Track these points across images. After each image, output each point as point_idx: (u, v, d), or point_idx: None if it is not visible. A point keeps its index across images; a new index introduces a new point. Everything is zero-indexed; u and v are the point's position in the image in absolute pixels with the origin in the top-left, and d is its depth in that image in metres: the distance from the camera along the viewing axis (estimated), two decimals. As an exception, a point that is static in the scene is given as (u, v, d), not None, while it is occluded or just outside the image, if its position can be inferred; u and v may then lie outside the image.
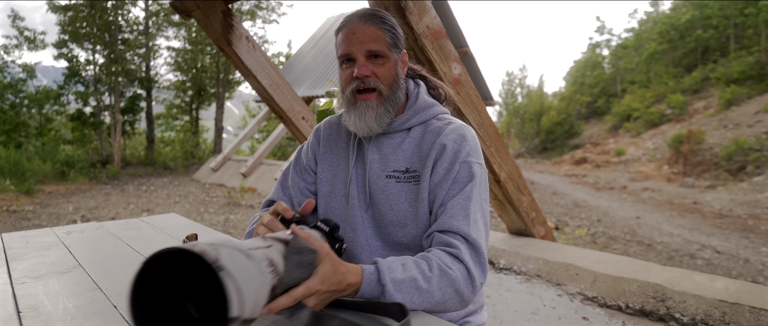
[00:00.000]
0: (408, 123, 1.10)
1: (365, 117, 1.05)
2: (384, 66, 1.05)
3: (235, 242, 0.57)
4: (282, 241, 0.69)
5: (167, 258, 0.52)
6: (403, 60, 1.11)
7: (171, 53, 20.28)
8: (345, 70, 1.07)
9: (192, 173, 14.53)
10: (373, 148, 1.11)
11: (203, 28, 2.85)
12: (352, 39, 1.03)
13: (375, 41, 1.03)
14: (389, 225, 1.07)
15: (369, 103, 1.05)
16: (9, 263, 1.23)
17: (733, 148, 15.21)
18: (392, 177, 1.07)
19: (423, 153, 1.06)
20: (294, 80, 12.77)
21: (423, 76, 1.23)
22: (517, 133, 39.11)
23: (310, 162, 1.23)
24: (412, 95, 1.13)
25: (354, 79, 1.04)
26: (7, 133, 15.28)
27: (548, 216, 7.81)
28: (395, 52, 1.07)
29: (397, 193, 1.06)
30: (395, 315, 0.80)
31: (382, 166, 1.09)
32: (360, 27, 1.03)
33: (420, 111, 1.11)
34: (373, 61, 1.04)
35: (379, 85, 1.05)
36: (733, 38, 27.80)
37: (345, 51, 1.04)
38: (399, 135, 1.11)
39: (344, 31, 1.05)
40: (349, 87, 1.06)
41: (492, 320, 2.50)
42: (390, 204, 1.07)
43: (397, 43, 1.08)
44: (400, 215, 1.06)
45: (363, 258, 1.10)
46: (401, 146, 1.09)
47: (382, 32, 1.04)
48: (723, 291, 2.03)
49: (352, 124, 1.07)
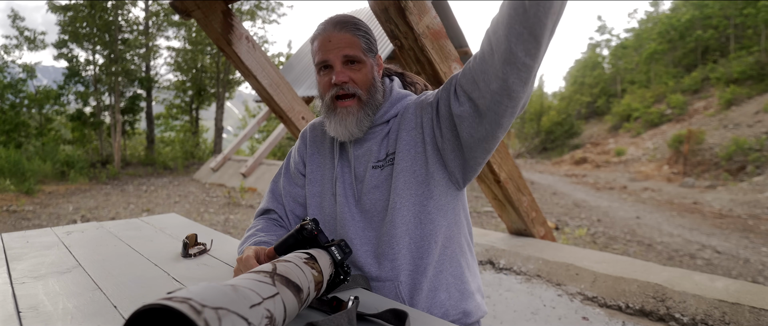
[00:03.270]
0: (386, 115, 1.13)
1: (346, 122, 1.08)
2: (361, 71, 1.08)
3: (240, 297, 0.57)
4: (291, 285, 0.70)
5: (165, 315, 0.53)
6: (378, 63, 1.16)
7: (171, 53, 20.27)
8: (323, 77, 1.10)
9: (192, 173, 14.53)
10: (356, 145, 1.15)
11: (203, 28, 2.85)
12: (328, 46, 1.07)
13: (351, 47, 1.07)
14: (380, 212, 1.10)
15: (350, 109, 1.08)
16: (9, 263, 1.23)
17: (733, 148, 15.21)
18: (377, 167, 1.11)
19: (393, 134, 1.11)
20: (294, 80, 12.77)
21: (400, 73, 1.27)
22: (517, 132, 39.10)
23: (298, 165, 1.26)
24: (387, 90, 1.17)
25: (333, 86, 1.08)
26: (7, 133, 15.28)
27: (548, 216, 7.81)
28: (370, 56, 1.11)
29: (382, 181, 1.10)
30: (393, 321, 0.80)
31: (368, 159, 1.13)
32: (335, 34, 1.07)
33: (395, 102, 1.14)
34: (349, 66, 1.08)
35: (358, 90, 1.08)
36: (733, 38, 27.79)
37: (322, 58, 1.07)
38: (379, 128, 1.14)
39: (320, 38, 1.08)
40: (328, 93, 1.09)
41: (492, 320, 2.50)
42: (378, 192, 1.10)
43: (372, 47, 1.12)
44: (385, 198, 1.09)
45: (356, 250, 1.12)
46: (380, 137, 1.13)
47: (356, 38, 1.08)
48: (723, 291, 2.03)
49: (333, 130, 1.11)
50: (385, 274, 1.09)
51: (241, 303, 0.56)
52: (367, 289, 1.05)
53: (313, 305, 0.87)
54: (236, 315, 0.53)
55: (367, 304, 0.91)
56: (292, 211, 1.24)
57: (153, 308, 0.51)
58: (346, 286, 1.02)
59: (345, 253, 0.90)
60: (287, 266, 0.74)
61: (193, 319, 0.48)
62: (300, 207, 1.25)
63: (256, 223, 1.23)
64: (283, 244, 0.92)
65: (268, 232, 1.16)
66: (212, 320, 0.49)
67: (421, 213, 1.07)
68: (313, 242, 0.89)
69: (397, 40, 2.03)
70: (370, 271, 1.10)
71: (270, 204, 1.27)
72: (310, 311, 0.86)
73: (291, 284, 0.70)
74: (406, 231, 1.07)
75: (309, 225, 0.89)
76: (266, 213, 1.28)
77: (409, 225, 1.07)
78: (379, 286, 1.10)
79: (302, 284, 0.73)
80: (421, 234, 1.08)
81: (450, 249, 1.12)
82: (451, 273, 1.12)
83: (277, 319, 0.63)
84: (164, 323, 0.55)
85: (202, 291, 0.53)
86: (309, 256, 0.83)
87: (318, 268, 0.82)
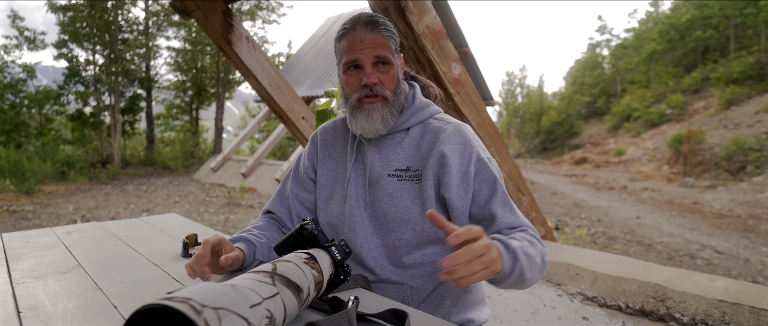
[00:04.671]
0: (407, 123, 1.13)
1: (372, 119, 1.08)
2: (389, 72, 1.09)
3: (240, 297, 0.57)
4: (291, 285, 0.70)
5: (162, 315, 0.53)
6: (401, 64, 1.16)
7: (171, 53, 20.27)
8: (350, 76, 1.10)
9: (192, 173, 14.53)
10: (373, 148, 1.14)
11: (203, 28, 2.85)
12: (360, 46, 1.06)
13: (382, 48, 1.07)
14: (391, 223, 1.10)
15: (375, 105, 1.08)
16: (9, 263, 1.23)
17: (733, 148, 15.21)
18: (394, 176, 1.10)
19: (423, 152, 1.10)
20: (294, 80, 12.77)
21: (413, 77, 1.28)
22: (517, 133, 39.12)
23: (307, 170, 1.25)
24: (409, 96, 1.17)
25: (363, 87, 1.08)
26: (7, 133, 15.27)
27: (548, 216, 7.81)
28: (397, 57, 1.12)
29: (399, 191, 1.09)
30: (393, 321, 0.80)
31: (384, 166, 1.12)
32: (367, 35, 1.07)
33: (417, 111, 1.14)
34: (379, 67, 1.08)
35: (385, 92, 1.09)
36: (733, 38, 27.78)
37: (353, 57, 1.07)
38: (398, 135, 1.13)
39: (350, 37, 1.08)
40: (355, 94, 1.09)
41: (492, 320, 2.50)
42: (393, 202, 1.09)
43: (398, 48, 1.13)
44: (403, 212, 1.08)
45: (364, 256, 1.12)
46: (401, 145, 1.12)
47: (386, 39, 1.08)
48: (723, 291, 2.02)
49: (359, 127, 1.10)
50: (395, 278, 1.11)
51: (241, 303, 0.56)
52: (367, 289, 1.05)
53: (313, 305, 0.87)
54: (236, 315, 0.53)
55: (367, 304, 0.91)
56: (298, 215, 1.24)
57: (153, 308, 0.51)
58: (346, 286, 1.02)
59: (345, 253, 0.90)
60: (287, 266, 0.74)
61: (193, 319, 0.48)
62: (306, 212, 1.25)
63: (256, 221, 1.24)
64: (283, 244, 0.92)
65: (261, 230, 1.16)
66: (212, 320, 0.49)
67: (439, 236, 1.08)
68: (313, 242, 0.90)
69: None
70: (379, 275, 1.11)
71: (273, 205, 1.27)
72: (310, 311, 0.86)
73: (291, 284, 0.70)
74: (420, 249, 1.09)
75: (309, 225, 0.89)
76: (268, 213, 1.29)
77: (425, 245, 1.09)
78: (387, 288, 1.11)
79: (302, 284, 0.73)
80: (435, 251, 1.10)
81: None
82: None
83: (277, 319, 0.63)
84: (164, 323, 0.55)
85: (202, 291, 0.54)
86: (309, 256, 0.83)
87: (318, 268, 0.82)
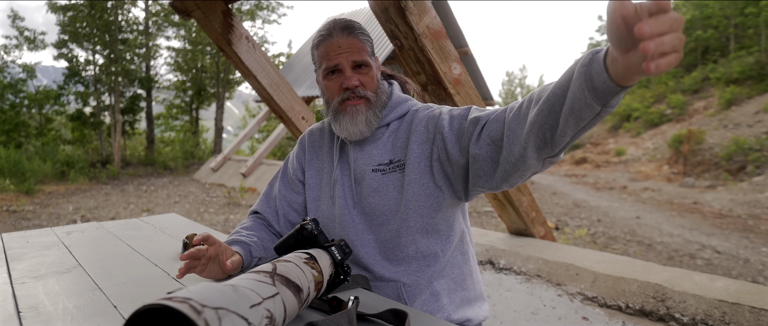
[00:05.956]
0: (386, 119, 1.16)
1: (356, 121, 1.10)
2: (368, 74, 1.12)
3: (240, 297, 0.57)
4: (291, 285, 0.70)
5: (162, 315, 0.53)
6: (378, 65, 1.19)
7: (171, 53, 20.26)
8: (331, 81, 1.12)
9: (192, 173, 14.53)
10: (356, 147, 1.16)
11: (203, 28, 2.85)
12: (338, 51, 1.09)
13: (360, 52, 1.10)
14: (381, 217, 1.11)
15: (358, 107, 1.10)
16: (9, 263, 1.23)
17: (733, 148, 15.20)
18: (378, 171, 1.12)
19: (401, 141, 1.12)
20: (294, 80, 12.77)
21: (391, 75, 1.31)
22: (517, 133, 39.04)
23: (296, 171, 1.27)
24: (388, 93, 1.20)
25: (344, 90, 1.10)
26: (7, 133, 15.27)
27: (548, 216, 7.81)
28: (373, 59, 1.15)
29: (384, 184, 1.11)
30: (393, 321, 0.80)
31: (367, 162, 1.14)
32: (344, 40, 1.09)
33: (396, 106, 1.17)
34: (358, 71, 1.11)
35: (367, 93, 1.11)
36: (733, 38, 27.79)
37: (333, 63, 1.10)
38: (379, 131, 1.16)
39: (328, 43, 1.10)
40: (337, 97, 1.12)
41: (492, 320, 2.50)
42: (379, 196, 1.11)
43: (373, 50, 1.16)
44: (391, 203, 1.10)
45: (357, 253, 1.13)
46: (381, 140, 1.15)
47: (363, 43, 1.11)
48: (723, 291, 2.02)
49: (344, 130, 1.12)
50: (388, 275, 1.11)
51: (241, 303, 0.56)
52: (367, 289, 1.05)
53: (313, 305, 0.87)
54: (236, 315, 0.54)
55: (367, 304, 0.91)
56: (285, 216, 1.25)
57: (153, 308, 0.51)
58: (346, 286, 1.02)
59: (345, 253, 0.90)
60: (287, 266, 0.74)
61: (193, 319, 0.48)
62: (294, 213, 1.26)
63: (244, 222, 1.26)
64: (283, 244, 0.92)
65: (250, 230, 1.18)
66: (212, 320, 0.49)
67: (428, 225, 1.09)
68: (313, 242, 0.90)
69: (397, 40, 2.03)
70: (373, 271, 1.12)
71: (260, 206, 1.29)
72: (310, 311, 0.86)
73: (291, 284, 0.70)
74: (411, 240, 1.09)
75: (309, 225, 0.89)
76: (255, 214, 1.30)
77: (415, 235, 1.09)
78: (381, 286, 1.11)
79: (302, 284, 0.73)
80: (427, 243, 1.10)
81: (453, 256, 1.15)
82: (453, 279, 1.14)
83: (277, 319, 0.63)
84: (164, 323, 0.55)
85: (202, 291, 0.54)
86: (309, 256, 0.83)
87: (318, 268, 0.82)
